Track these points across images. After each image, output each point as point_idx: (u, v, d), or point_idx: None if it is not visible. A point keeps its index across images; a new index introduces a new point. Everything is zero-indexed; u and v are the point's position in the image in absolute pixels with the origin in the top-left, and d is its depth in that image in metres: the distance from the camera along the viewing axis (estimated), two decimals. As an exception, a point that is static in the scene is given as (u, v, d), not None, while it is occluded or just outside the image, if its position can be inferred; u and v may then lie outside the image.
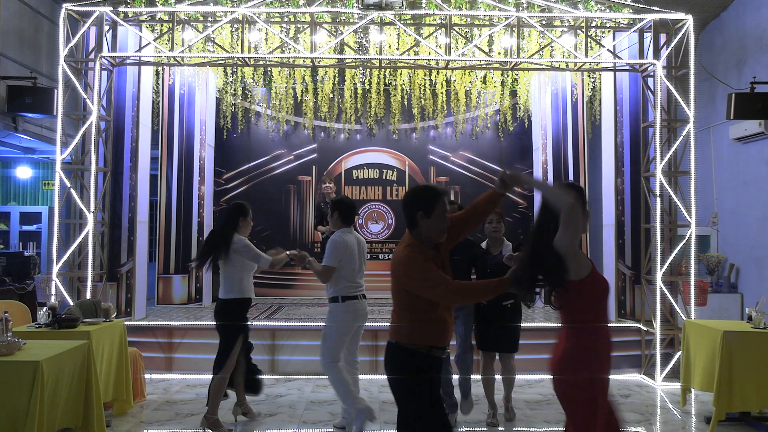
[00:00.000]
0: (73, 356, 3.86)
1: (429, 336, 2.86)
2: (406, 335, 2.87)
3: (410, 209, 2.88)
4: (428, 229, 2.85)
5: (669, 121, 6.74)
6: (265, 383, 6.14)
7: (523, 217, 10.00)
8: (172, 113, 8.61)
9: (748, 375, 4.64)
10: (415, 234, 2.88)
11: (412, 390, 2.84)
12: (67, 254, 6.41)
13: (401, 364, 2.89)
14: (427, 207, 2.83)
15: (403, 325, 2.88)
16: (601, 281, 2.75)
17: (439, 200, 2.85)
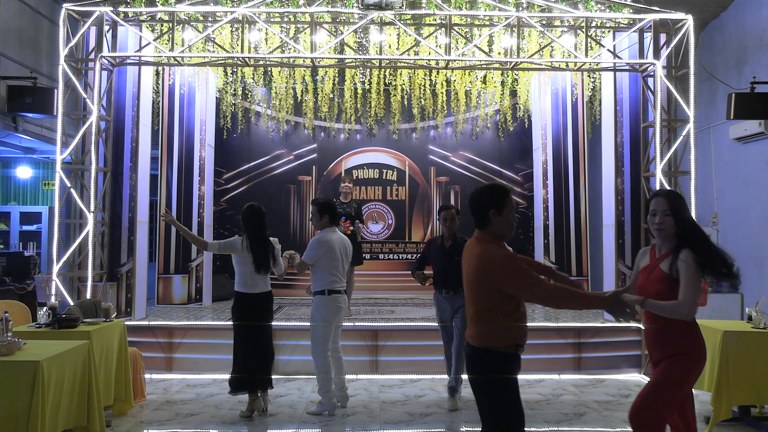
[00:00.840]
0: (73, 356, 3.87)
1: (518, 335, 2.92)
2: (494, 338, 2.88)
3: (481, 208, 2.92)
4: (500, 226, 2.90)
5: (669, 121, 6.74)
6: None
7: (523, 218, 10.00)
8: (172, 113, 8.61)
9: (747, 375, 4.64)
10: (488, 232, 2.92)
11: (506, 392, 2.87)
12: (67, 254, 6.41)
13: (494, 368, 2.88)
14: (498, 204, 2.89)
15: (489, 328, 2.88)
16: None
17: (508, 197, 2.94)
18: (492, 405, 2.87)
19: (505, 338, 2.88)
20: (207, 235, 8.80)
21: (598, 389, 6.12)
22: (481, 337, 2.90)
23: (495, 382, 2.85)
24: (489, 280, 2.83)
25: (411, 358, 6.55)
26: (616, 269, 7.13)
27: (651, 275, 3.16)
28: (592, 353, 6.66)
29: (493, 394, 2.88)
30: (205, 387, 6.07)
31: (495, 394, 2.87)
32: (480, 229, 2.95)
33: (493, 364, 2.87)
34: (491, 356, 2.87)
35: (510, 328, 2.88)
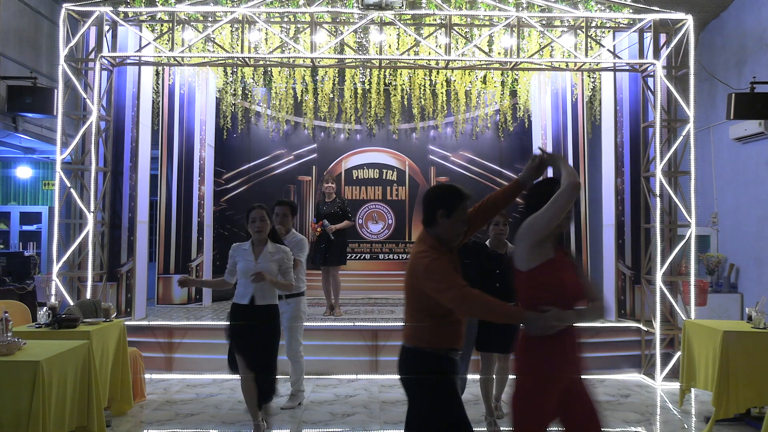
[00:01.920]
0: (73, 356, 3.87)
1: (448, 338, 2.78)
2: (426, 339, 2.76)
3: (431, 206, 2.83)
4: (446, 230, 2.79)
5: (669, 121, 6.74)
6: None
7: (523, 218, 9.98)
8: (172, 113, 8.61)
9: (747, 375, 4.64)
10: (431, 233, 2.83)
11: (434, 393, 2.74)
12: (67, 254, 6.41)
13: (421, 367, 2.77)
14: (449, 206, 2.79)
15: (421, 328, 2.78)
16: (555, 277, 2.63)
17: (462, 202, 2.82)
18: (419, 406, 2.78)
19: (437, 340, 2.76)
20: (207, 234, 8.80)
21: (598, 389, 6.12)
22: (410, 337, 2.81)
23: (427, 383, 2.74)
24: (415, 282, 2.75)
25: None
26: (616, 269, 7.13)
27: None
28: (592, 353, 6.65)
29: (422, 394, 2.77)
30: (205, 387, 6.07)
31: (425, 395, 2.75)
32: (424, 228, 2.86)
33: (421, 365, 2.76)
34: (421, 356, 2.77)
35: (443, 331, 2.75)
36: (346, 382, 6.28)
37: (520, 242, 2.66)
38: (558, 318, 2.55)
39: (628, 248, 7.13)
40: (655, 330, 6.37)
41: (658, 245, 6.49)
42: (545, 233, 2.63)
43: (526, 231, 2.64)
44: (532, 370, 2.62)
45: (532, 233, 2.62)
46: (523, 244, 2.64)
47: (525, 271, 2.63)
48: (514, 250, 2.69)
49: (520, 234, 2.66)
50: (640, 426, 5.03)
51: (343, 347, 6.42)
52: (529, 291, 2.64)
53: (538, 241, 2.63)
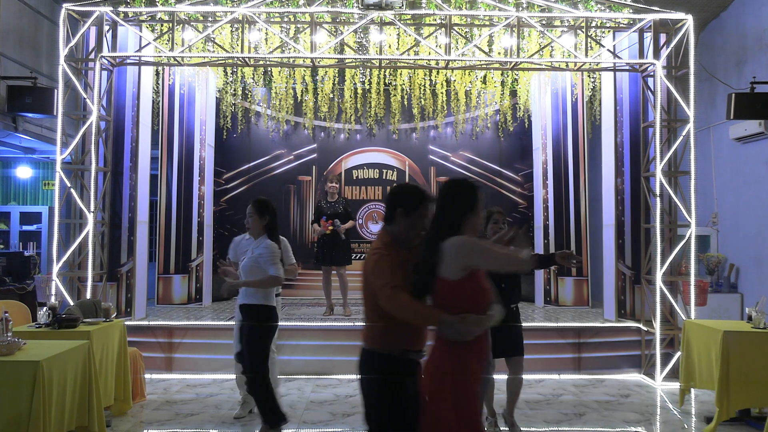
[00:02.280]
0: (73, 356, 3.86)
1: (404, 340, 2.74)
2: (381, 341, 2.76)
3: (392, 203, 2.85)
4: (403, 229, 2.81)
5: (669, 121, 6.74)
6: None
7: (523, 217, 9.99)
8: (172, 113, 8.61)
9: (748, 375, 4.64)
10: (389, 230, 2.85)
11: (388, 395, 2.72)
12: (67, 254, 6.41)
13: (378, 370, 2.74)
14: (409, 205, 2.81)
15: (377, 329, 2.77)
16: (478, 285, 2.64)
17: (423, 202, 2.83)
18: (374, 408, 2.77)
19: (391, 341, 2.74)
20: (207, 234, 8.80)
21: (598, 389, 6.13)
22: (367, 338, 2.81)
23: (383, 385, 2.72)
24: (366, 280, 2.77)
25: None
26: (616, 269, 7.13)
27: None
28: (592, 353, 6.66)
29: (378, 397, 2.75)
30: (205, 387, 6.08)
31: (380, 398, 2.74)
32: (384, 225, 2.88)
33: (378, 367, 2.74)
34: (377, 358, 2.75)
35: (400, 332, 2.72)
36: (346, 382, 6.28)
37: (453, 259, 2.60)
38: (477, 323, 2.57)
39: (628, 248, 7.13)
40: (655, 330, 6.37)
41: (658, 245, 6.49)
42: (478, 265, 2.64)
43: (462, 252, 2.60)
44: (454, 373, 2.59)
45: (467, 259, 2.60)
46: (455, 261, 2.59)
47: (452, 281, 2.60)
48: (442, 259, 2.61)
49: (454, 251, 2.60)
50: (640, 426, 5.03)
51: (343, 347, 6.42)
52: (452, 299, 2.60)
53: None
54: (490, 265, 2.68)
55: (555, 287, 8.77)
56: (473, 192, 2.74)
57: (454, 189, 2.77)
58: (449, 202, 2.72)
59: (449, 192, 2.76)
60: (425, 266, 2.67)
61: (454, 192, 2.75)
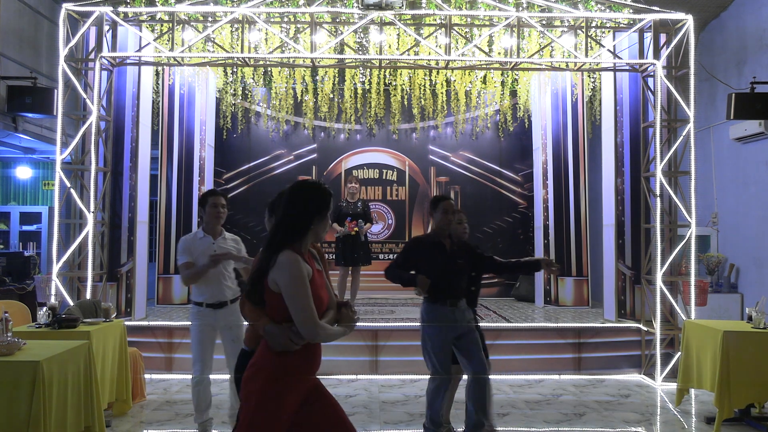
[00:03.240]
0: (73, 356, 3.86)
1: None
2: (248, 340, 2.88)
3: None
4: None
5: (669, 121, 6.74)
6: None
7: (523, 217, 9.99)
8: (172, 113, 8.60)
9: (748, 375, 4.64)
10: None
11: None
12: (67, 254, 6.41)
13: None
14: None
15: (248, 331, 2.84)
16: (314, 296, 2.51)
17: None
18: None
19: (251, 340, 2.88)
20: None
21: (598, 389, 6.12)
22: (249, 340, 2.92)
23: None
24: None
25: (411, 358, 6.53)
26: (616, 269, 7.13)
27: None
28: (592, 353, 6.66)
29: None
30: (205, 387, 6.06)
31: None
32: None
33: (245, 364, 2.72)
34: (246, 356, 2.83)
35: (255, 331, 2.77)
36: (346, 382, 6.28)
37: (281, 276, 2.47)
38: (298, 336, 2.47)
39: (628, 248, 7.13)
40: (655, 330, 6.37)
41: (658, 245, 6.49)
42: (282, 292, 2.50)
43: (280, 274, 2.47)
44: (270, 381, 2.50)
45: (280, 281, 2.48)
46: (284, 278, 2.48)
47: (277, 293, 2.49)
48: (274, 274, 2.48)
49: (279, 268, 2.47)
50: (640, 426, 5.03)
51: (343, 347, 6.41)
52: (284, 311, 2.49)
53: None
54: (290, 305, 2.46)
55: (555, 287, 8.77)
56: (325, 196, 2.61)
57: (303, 192, 2.60)
58: (299, 205, 2.57)
59: (300, 194, 2.60)
60: (259, 272, 2.54)
61: (304, 195, 2.59)
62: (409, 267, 4.54)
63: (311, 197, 2.59)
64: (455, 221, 4.47)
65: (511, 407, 5.46)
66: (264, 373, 2.51)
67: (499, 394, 5.29)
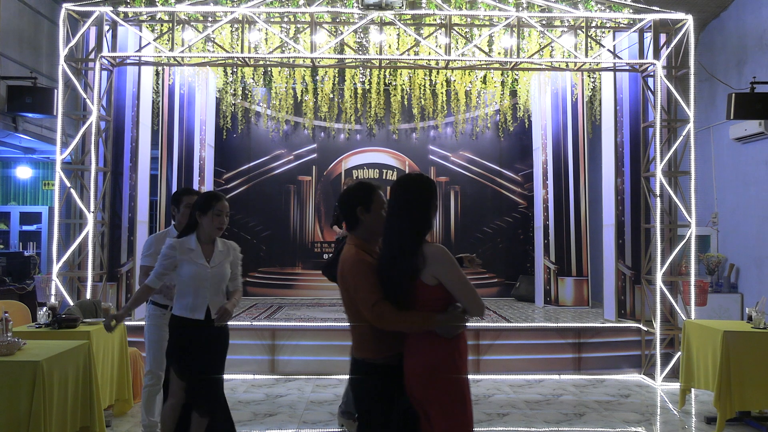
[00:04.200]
0: (73, 356, 3.86)
1: (397, 342, 2.64)
2: (375, 350, 2.66)
3: (348, 206, 2.75)
4: (370, 224, 2.71)
5: (669, 121, 6.74)
6: (266, 383, 6.16)
7: (523, 217, 9.99)
8: (172, 113, 8.60)
9: (748, 375, 4.64)
10: (358, 234, 2.75)
11: (389, 407, 2.64)
12: (67, 254, 6.41)
13: (376, 382, 2.64)
14: (365, 201, 2.72)
15: (370, 339, 2.66)
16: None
17: (375, 193, 2.75)
18: (372, 422, 2.65)
19: (386, 348, 2.63)
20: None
21: (598, 389, 6.12)
22: (360, 349, 2.72)
23: (382, 397, 2.63)
24: (345, 286, 2.67)
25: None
26: (616, 269, 7.13)
27: None
28: (592, 353, 6.66)
29: (378, 410, 2.63)
30: (205, 387, 6.06)
31: (379, 409, 2.62)
32: (350, 232, 2.79)
33: (376, 379, 2.63)
34: (374, 369, 2.65)
35: (391, 336, 2.61)
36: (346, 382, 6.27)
37: (440, 266, 2.56)
38: (462, 315, 2.56)
39: (628, 248, 7.13)
40: (655, 330, 6.37)
41: (658, 245, 6.49)
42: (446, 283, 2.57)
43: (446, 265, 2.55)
44: (452, 369, 2.57)
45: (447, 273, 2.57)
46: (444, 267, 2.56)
47: (432, 286, 2.55)
48: (431, 268, 2.54)
49: (437, 260, 2.55)
50: (640, 426, 5.03)
51: (343, 347, 6.40)
52: (439, 302, 2.57)
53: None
54: (458, 289, 2.54)
55: (555, 287, 8.77)
56: (433, 185, 2.68)
57: (417, 185, 2.66)
58: (418, 199, 2.61)
59: (416, 189, 2.64)
60: (402, 271, 2.55)
61: (422, 189, 2.64)
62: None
63: (426, 191, 2.64)
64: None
65: (511, 407, 5.46)
66: (447, 365, 2.55)
67: (499, 394, 5.29)
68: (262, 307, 8.25)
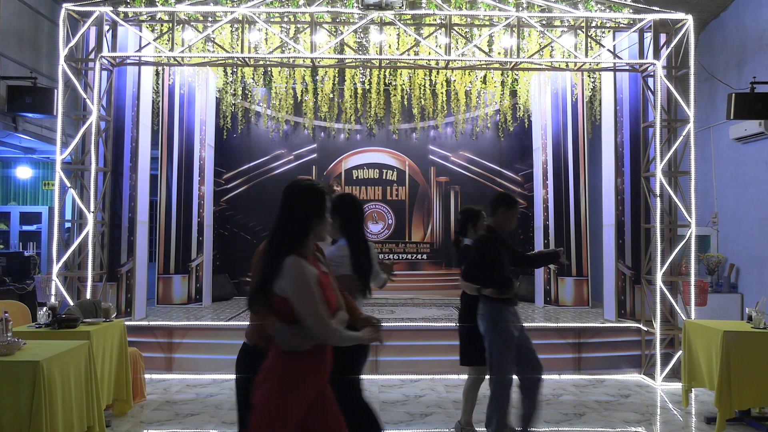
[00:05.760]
0: (73, 356, 3.86)
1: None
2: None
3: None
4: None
5: (669, 121, 6.74)
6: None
7: (523, 217, 9.98)
8: (172, 113, 8.61)
9: (748, 375, 4.64)
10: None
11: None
12: (67, 254, 6.41)
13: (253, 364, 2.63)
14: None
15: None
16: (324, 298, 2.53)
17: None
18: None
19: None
20: (207, 234, 8.79)
21: (598, 389, 6.12)
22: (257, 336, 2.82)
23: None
24: None
25: (411, 358, 6.55)
26: (616, 269, 7.13)
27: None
28: (592, 353, 6.66)
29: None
30: (205, 387, 6.07)
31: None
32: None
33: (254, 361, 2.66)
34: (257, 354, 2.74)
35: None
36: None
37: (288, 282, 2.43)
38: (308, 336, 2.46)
39: (628, 248, 7.13)
40: (655, 330, 6.37)
41: (658, 245, 6.49)
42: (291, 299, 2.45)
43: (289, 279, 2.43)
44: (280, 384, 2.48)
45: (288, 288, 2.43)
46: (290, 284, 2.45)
47: (284, 298, 2.45)
48: (281, 281, 2.43)
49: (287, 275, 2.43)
50: (640, 426, 5.03)
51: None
52: (293, 314, 2.45)
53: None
54: (300, 310, 2.42)
55: (555, 287, 8.77)
56: (320, 195, 2.55)
57: (302, 193, 2.54)
58: (297, 207, 2.52)
59: (296, 196, 2.54)
60: (264, 278, 2.46)
61: (303, 196, 2.54)
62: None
63: (306, 198, 2.52)
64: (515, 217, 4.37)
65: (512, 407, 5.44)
66: (274, 375, 2.47)
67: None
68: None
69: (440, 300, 9.44)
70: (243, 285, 9.63)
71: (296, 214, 2.51)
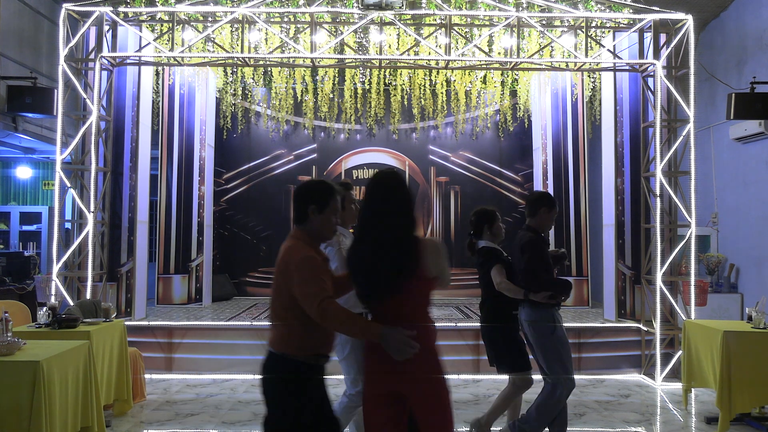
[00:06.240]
0: (73, 356, 3.86)
1: (319, 344, 2.65)
2: (294, 345, 2.61)
3: (302, 201, 2.71)
4: (319, 226, 2.70)
5: (669, 121, 6.74)
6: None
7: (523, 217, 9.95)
8: (172, 113, 8.61)
9: (748, 375, 4.64)
10: (303, 229, 2.71)
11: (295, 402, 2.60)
12: (67, 254, 6.41)
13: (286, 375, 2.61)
14: (320, 201, 2.69)
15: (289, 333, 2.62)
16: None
17: (333, 197, 2.72)
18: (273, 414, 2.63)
19: (305, 345, 2.61)
20: (207, 234, 8.80)
21: (598, 389, 6.12)
22: (276, 342, 2.65)
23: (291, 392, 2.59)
24: (284, 279, 2.61)
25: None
26: (616, 269, 7.13)
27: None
28: (592, 353, 6.66)
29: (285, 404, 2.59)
30: (205, 387, 6.07)
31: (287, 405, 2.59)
32: (296, 226, 2.75)
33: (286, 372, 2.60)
34: (287, 363, 2.60)
35: (317, 335, 2.61)
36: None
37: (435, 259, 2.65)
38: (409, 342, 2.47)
39: (628, 248, 7.13)
40: (655, 330, 6.37)
41: (658, 245, 6.49)
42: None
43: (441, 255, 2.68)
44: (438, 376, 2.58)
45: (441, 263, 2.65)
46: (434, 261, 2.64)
47: (431, 279, 2.62)
48: (425, 257, 2.59)
49: (438, 251, 2.70)
50: (640, 426, 5.03)
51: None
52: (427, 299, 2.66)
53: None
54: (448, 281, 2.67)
55: (555, 287, 8.76)
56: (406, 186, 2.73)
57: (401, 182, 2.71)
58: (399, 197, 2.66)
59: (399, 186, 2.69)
60: (396, 265, 2.54)
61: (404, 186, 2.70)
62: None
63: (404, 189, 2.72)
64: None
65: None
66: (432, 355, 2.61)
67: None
68: (262, 307, 8.24)
69: (440, 300, 9.43)
70: (243, 285, 9.63)
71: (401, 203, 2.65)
